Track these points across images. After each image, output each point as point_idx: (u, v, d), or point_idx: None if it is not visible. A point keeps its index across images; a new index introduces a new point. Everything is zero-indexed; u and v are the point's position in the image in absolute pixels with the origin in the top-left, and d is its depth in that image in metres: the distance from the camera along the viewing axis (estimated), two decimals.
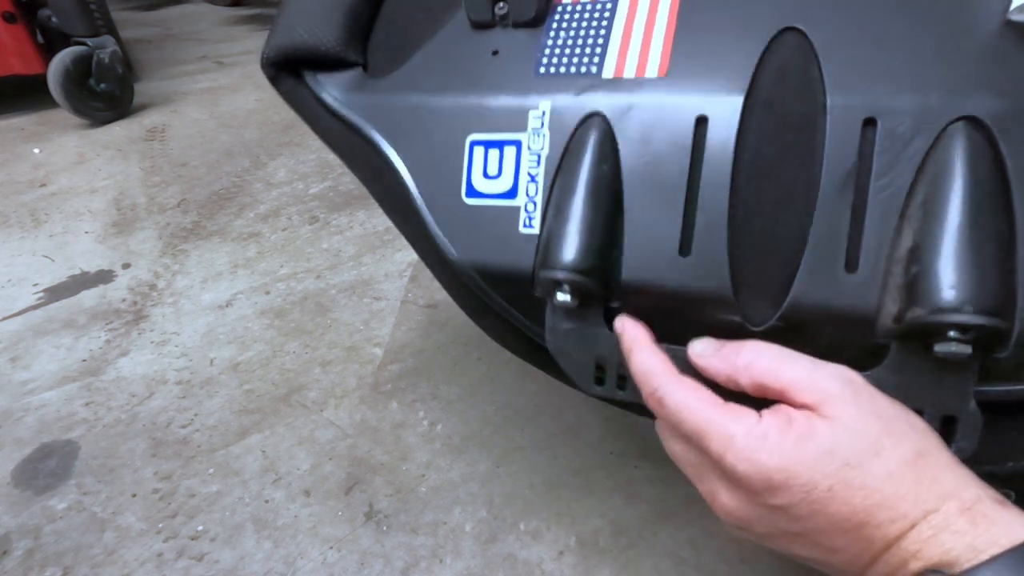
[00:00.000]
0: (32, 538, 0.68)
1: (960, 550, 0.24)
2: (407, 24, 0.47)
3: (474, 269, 0.42)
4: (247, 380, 0.89)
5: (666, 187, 0.35)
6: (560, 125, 0.38)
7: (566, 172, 0.38)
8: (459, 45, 0.43)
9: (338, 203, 1.35)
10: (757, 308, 0.34)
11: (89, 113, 1.72)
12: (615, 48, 0.38)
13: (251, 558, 0.65)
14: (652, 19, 0.37)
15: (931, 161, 0.29)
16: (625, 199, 0.37)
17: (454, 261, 0.43)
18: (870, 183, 0.31)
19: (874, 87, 0.31)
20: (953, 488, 0.26)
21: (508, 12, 0.41)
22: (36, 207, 1.35)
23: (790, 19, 0.34)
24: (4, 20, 1.63)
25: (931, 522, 0.25)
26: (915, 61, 0.31)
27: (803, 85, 0.33)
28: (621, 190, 0.37)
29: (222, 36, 2.67)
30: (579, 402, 0.84)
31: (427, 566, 0.64)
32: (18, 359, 0.94)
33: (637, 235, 0.36)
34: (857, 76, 0.32)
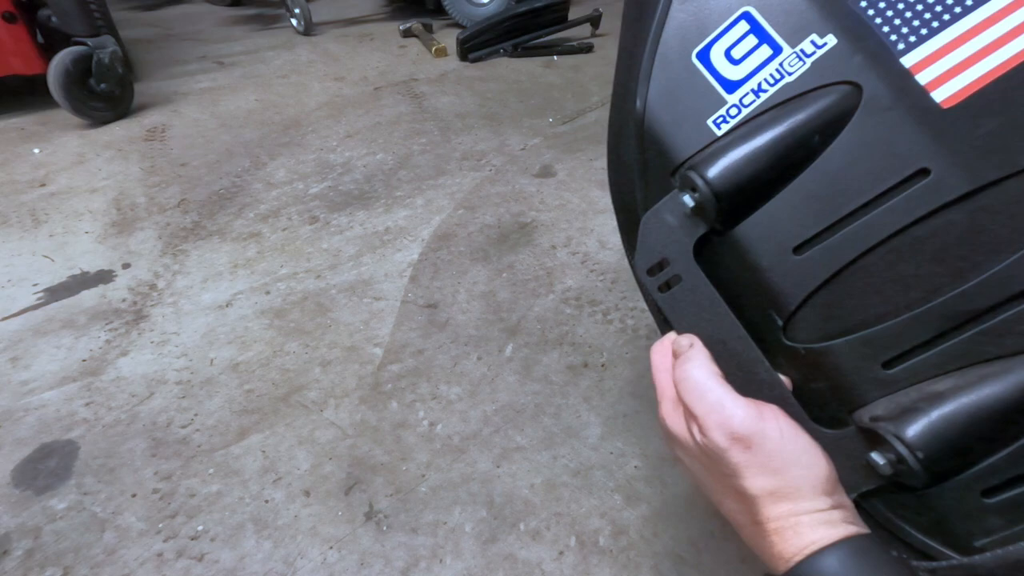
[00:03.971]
0: (32, 538, 0.68)
1: (771, 558, 0.32)
2: None
3: (650, 120, 0.41)
4: (247, 380, 0.89)
5: (840, 195, 0.34)
6: (822, 67, 0.35)
7: (785, 110, 0.36)
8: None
9: (338, 203, 1.35)
10: (802, 329, 0.36)
11: (89, 113, 1.72)
12: (941, 41, 0.32)
13: (251, 558, 0.65)
14: (1003, 43, 0.31)
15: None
16: (802, 174, 0.35)
17: (639, 101, 0.41)
18: (972, 332, 0.31)
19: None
20: (782, 513, 0.32)
21: None
22: (36, 207, 1.35)
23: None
24: (4, 20, 1.63)
25: (756, 528, 0.33)
26: None
27: (1021, 220, 0.31)
28: (807, 165, 0.35)
29: (222, 36, 2.67)
30: (579, 402, 0.85)
31: (427, 566, 0.64)
32: (18, 359, 0.94)
33: (779, 208, 0.36)
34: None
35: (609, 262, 1.13)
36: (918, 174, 0.32)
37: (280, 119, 1.80)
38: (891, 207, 0.33)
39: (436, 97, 1.94)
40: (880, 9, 0.33)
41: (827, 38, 0.35)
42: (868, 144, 0.34)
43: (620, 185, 0.46)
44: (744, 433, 0.33)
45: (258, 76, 2.16)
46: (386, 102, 1.90)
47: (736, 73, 0.38)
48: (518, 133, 1.67)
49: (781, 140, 0.35)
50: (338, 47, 2.47)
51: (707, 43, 0.39)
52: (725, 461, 0.34)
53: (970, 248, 0.32)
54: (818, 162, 0.35)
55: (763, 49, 0.37)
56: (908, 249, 0.33)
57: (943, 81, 0.32)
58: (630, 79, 0.42)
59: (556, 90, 1.98)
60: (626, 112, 0.43)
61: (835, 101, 0.35)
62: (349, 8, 3.04)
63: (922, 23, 0.33)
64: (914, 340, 0.33)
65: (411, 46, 2.47)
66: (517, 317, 1.00)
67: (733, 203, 0.36)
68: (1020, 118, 0.31)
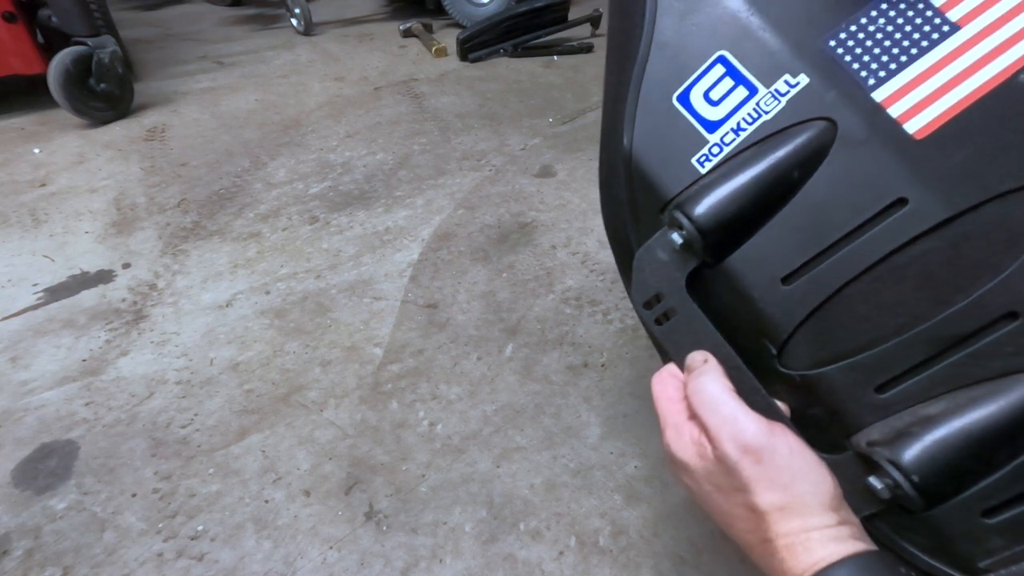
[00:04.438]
0: (32, 538, 0.68)
1: (782, 572, 0.32)
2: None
3: (636, 162, 0.42)
4: (247, 380, 0.89)
5: (822, 227, 0.36)
6: (797, 105, 0.36)
7: (764, 147, 0.37)
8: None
9: (338, 203, 1.35)
10: (796, 356, 0.37)
11: (89, 113, 1.72)
12: (908, 76, 0.34)
13: (251, 558, 0.65)
14: (966, 76, 0.33)
15: (1012, 377, 0.31)
16: (784, 208, 0.37)
17: (626, 144, 0.43)
18: (960, 355, 0.32)
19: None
20: (793, 529, 0.33)
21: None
22: (36, 207, 1.35)
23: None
24: (4, 20, 1.63)
25: (765, 546, 0.33)
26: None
27: (999, 245, 0.32)
28: (788, 199, 0.36)
29: (222, 36, 2.67)
30: (579, 402, 0.85)
31: (427, 566, 0.64)
32: (18, 359, 0.94)
33: (766, 241, 0.37)
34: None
35: (609, 262, 1.13)
36: (896, 204, 0.34)
37: (280, 119, 1.80)
38: (872, 236, 0.34)
39: (436, 97, 1.94)
40: (849, 47, 0.35)
41: (800, 77, 0.37)
42: (846, 177, 0.35)
43: (613, 221, 0.47)
44: (755, 446, 0.34)
45: (258, 76, 2.16)
46: (386, 102, 1.90)
47: (715, 114, 0.40)
48: (518, 133, 1.67)
49: (762, 176, 0.36)
50: (338, 47, 2.47)
51: (686, 86, 0.41)
52: (736, 473, 0.34)
53: (951, 273, 0.33)
54: (799, 195, 0.36)
55: (740, 90, 0.39)
56: (891, 277, 0.34)
57: (914, 113, 0.34)
58: (616, 121, 0.44)
59: (556, 90, 1.98)
60: (615, 153, 0.44)
61: (812, 137, 0.36)
62: (349, 8, 3.03)
63: (890, 59, 0.34)
64: (904, 365, 0.34)
65: (411, 46, 2.47)
66: (517, 317, 1.00)
67: (720, 238, 0.38)
68: (990, 145, 0.32)
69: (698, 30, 0.41)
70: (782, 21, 0.38)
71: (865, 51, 0.35)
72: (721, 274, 0.39)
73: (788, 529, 0.33)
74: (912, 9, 0.35)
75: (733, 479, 0.35)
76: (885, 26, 0.35)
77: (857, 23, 0.36)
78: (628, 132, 0.43)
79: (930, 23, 0.34)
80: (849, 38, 0.36)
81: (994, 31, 0.32)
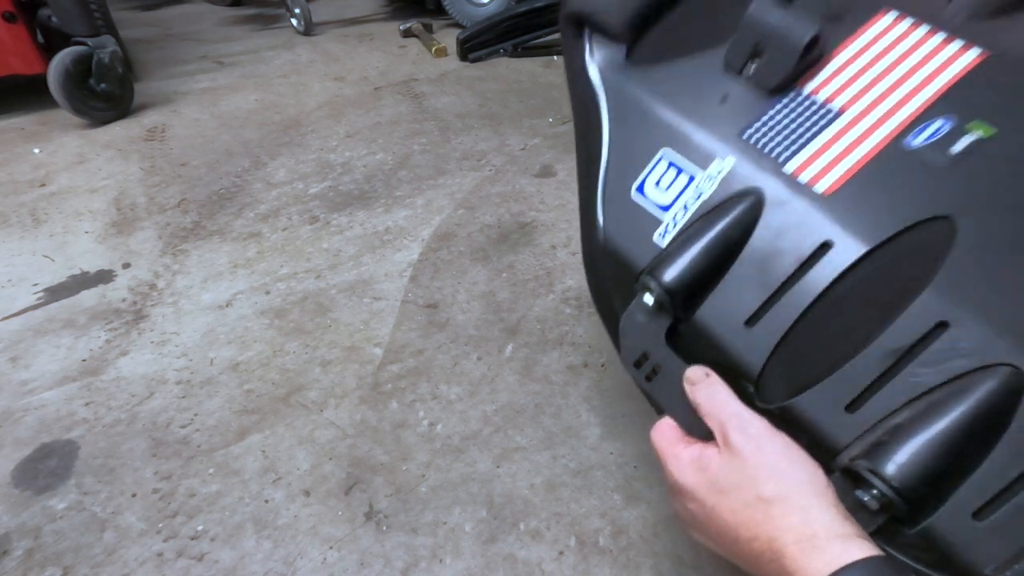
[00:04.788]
0: (32, 538, 0.68)
1: (795, 574, 0.32)
2: (676, 40, 0.54)
3: (609, 245, 0.52)
4: (247, 380, 0.89)
5: (769, 274, 0.43)
6: (729, 182, 0.46)
7: (709, 219, 0.45)
8: (703, 77, 0.51)
9: (338, 203, 1.35)
10: (771, 390, 0.42)
11: (89, 113, 1.72)
12: (810, 151, 0.44)
13: (251, 558, 0.65)
14: (854, 147, 0.42)
15: (963, 380, 0.35)
16: (735, 264, 0.44)
17: (600, 232, 0.53)
18: (909, 366, 0.37)
19: (967, 303, 0.36)
20: (796, 524, 0.33)
21: (754, 73, 0.48)
22: (36, 207, 1.35)
23: (954, 212, 0.38)
24: (4, 20, 1.63)
25: (773, 547, 0.34)
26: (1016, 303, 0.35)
27: (920, 265, 0.38)
28: (737, 256, 0.44)
29: (222, 36, 2.67)
30: (579, 402, 0.84)
31: (427, 566, 0.64)
32: (18, 359, 0.94)
33: (725, 292, 0.45)
34: (964, 287, 0.36)
35: None
36: (822, 247, 0.41)
37: (280, 119, 1.80)
38: (811, 276, 0.41)
39: (436, 97, 1.94)
40: (761, 135, 0.46)
41: (727, 161, 0.46)
42: (778, 231, 0.43)
43: (599, 294, 0.56)
44: (758, 435, 0.37)
45: (258, 76, 2.16)
46: (386, 102, 1.90)
47: (666, 198, 0.49)
48: (518, 133, 1.67)
49: (712, 240, 0.44)
50: (338, 47, 2.47)
51: (641, 180, 0.51)
52: (742, 461, 0.36)
53: (885, 295, 0.39)
54: (745, 251, 0.44)
55: (682, 177, 0.48)
56: (836, 306, 0.40)
57: (820, 177, 0.42)
58: (591, 214, 0.54)
59: (556, 90, 1.98)
60: (593, 240, 0.54)
61: (745, 205, 0.44)
62: (349, 8, 3.03)
63: (793, 141, 0.44)
64: (864, 381, 0.38)
65: (411, 46, 2.47)
66: (517, 317, 1.00)
67: (686, 295, 0.45)
68: (887, 193, 0.41)
69: (643, 135, 0.51)
70: (706, 123, 0.48)
71: (773, 137, 0.45)
72: (694, 327, 0.46)
73: (792, 523, 0.34)
74: (803, 105, 0.45)
75: (742, 471, 0.36)
76: (785, 118, 0.46)
77: (763, 118, 0.46)
78: (601, 223, 0.53)
79: (818, 112, 0.44)
80: (759, 129, 0.46)
81: (867, 114, 0.43)
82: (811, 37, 0.44)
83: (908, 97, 0.43)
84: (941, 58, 0.43)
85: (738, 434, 0.37)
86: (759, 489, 0.35)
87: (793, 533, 0.33)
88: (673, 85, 0.52)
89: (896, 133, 0.42)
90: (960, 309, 0.36)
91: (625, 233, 0.51)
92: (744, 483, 0.36)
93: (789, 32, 0.45)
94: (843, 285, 0.40)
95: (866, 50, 0.46)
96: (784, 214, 0.43)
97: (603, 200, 0.53)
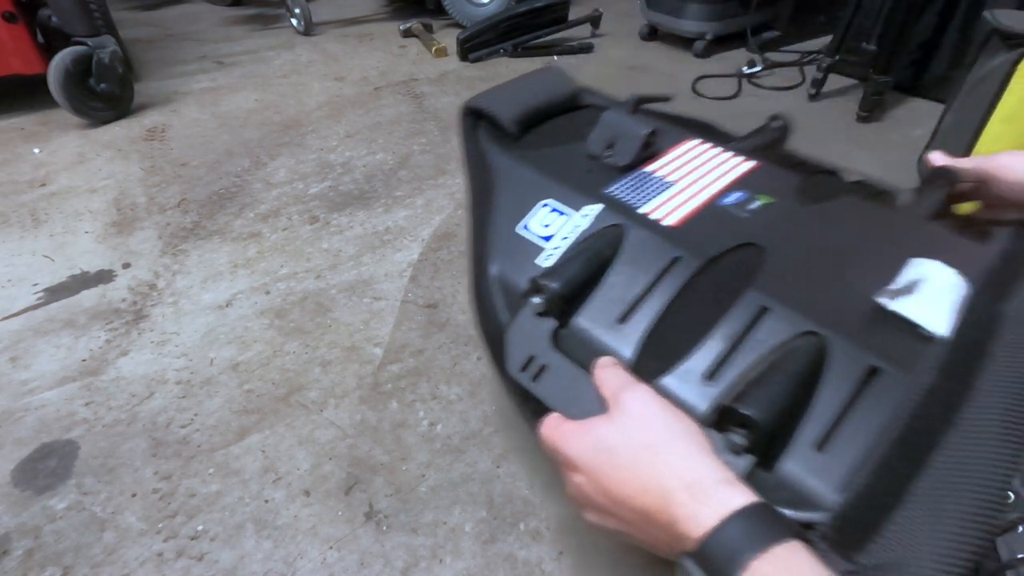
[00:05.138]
0: (32, 538, 0.68)
1: (685, 520, 0.34)
2: (551, 136, 0.75)
3: (498, 273, 0.63)
4: (247, 380, 0.89)
5: (635, 282, 0.55)
6: (599, 219, 0.60)
7: (585, 242, 0.59)
8: (572, 158, 0.69)
9: (338, 203, 1.35)
10: (646, 369, 0.51)
11: (89, 113, 1.72)
12: (657, 202, 0.61)
13: (251, 558, 0.65)
14: (686, 202, 0.61)
15: (787, 344, 0.48)
16: (606, 276, 0.57)
17: (489, 263, 0.63)
18: (748, 339, 0.49)
19: (778, 295, 0.51)
20: (681, 469, 0.36)
21: (612, 157, 0.66)
22: (36, 207, 1.35)
23: (760, 242, 0.56)
24: (4, 20, 1.63)
25: (662, 494, 0.36)
26: (809, 296, 0.51)
27: (743, 273, 0.54)
28: (607, 269, 0.57)
29: (222, 36, 2.66)
30: None
31: (427, 566, 0.64)
32: (18, 359, 0.94)
33: (601, 298, 0.56)
34: (776, 286, 0.52)
35: None
36: (675, 261, 0.55)
37: (280, 119, 1.80)
38: (667, 281, 0.54)
39: (436, 97, 1.94)
40: (619, 192, 0.63)
41: (595, 206, 0.61)
42: (641, 250, 0.57)
43: (487, 327, 0.64)
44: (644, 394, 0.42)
45: (258, 76, 2.16)
46: (386, 102, 1.90)
47: (548, 232, 0.62)
48: None
49: (587, 258, 0.57)
50: (338, 47, 2.47)
51: (524, 221, 0.64)
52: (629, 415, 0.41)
53: (722, 293, 0.52)
54: (615, 265, 0.57)
55: (561, 217, 0.62)
56: (688, 303, 0.54)
57: (665, 216, 0.59)
58: (481, 249, 0.65)
59: None
60: (482, 274, 0.64)
61: (614, 232, 0.58)
62: (349, 8, 3.03)
63: (643, 196, 0.62)
64: (717, 356, 0.49)
65: (411, 46, 2.47)
66: None
67: (568, 299, 0.55)
68: (711, 229, 0.58)
69: (528, 193, 0.66)
70: (577, 184, 0.65)
71: (628, 194, 0.63)
72: (574, 329, 0.55)
73: (678, 468, 0.37)
74: (646, 179, 0.65)
75: (627, 425, 0.40)
76: (635, 185, 0.64)
77: (619, 183, 0.64)
78: (491, 255, 0.64)
79: (658, 183, 0.64)
80: (617, 190, 0.63)
81: (691, 186, 0.63)
82: (648, 132, 0.66)
83: (716, 179, 0.65)
84: (733, 163, 0.68)
85: (627, 393, 0.42)
86: (645, 437, 0.39)
87: (679, 479, 0.36)
88: (550, 161, 0.69)
89: (712, 198, 0.62)
90: (775, 299, 0.51)
91: (511, 261, 0.63)
92: (631, 435, 0.39)
93: (633, 129, 0.66)
94: (691, 287, 0.54)
95: (686, 153, 0.69)
96: (644, 238, 0.58)
97: (492, 239, 0.65)
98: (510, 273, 0.62)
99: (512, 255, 0.62)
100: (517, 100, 0.76)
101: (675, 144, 0.71)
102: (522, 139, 0.75)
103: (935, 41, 1.74)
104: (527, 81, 0.81)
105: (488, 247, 0.65)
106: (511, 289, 0.61)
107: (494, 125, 0.75)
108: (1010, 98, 1.11)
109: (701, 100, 1.86)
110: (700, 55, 2.21)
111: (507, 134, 0.74)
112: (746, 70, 2.01)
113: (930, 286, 0.51)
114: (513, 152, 0.72)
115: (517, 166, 0.70)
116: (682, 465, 0.37)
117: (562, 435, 0.44)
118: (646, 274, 0.55)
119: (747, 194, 0.63)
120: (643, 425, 0.40)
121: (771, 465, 0.43)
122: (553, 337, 0.55)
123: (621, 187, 0.64)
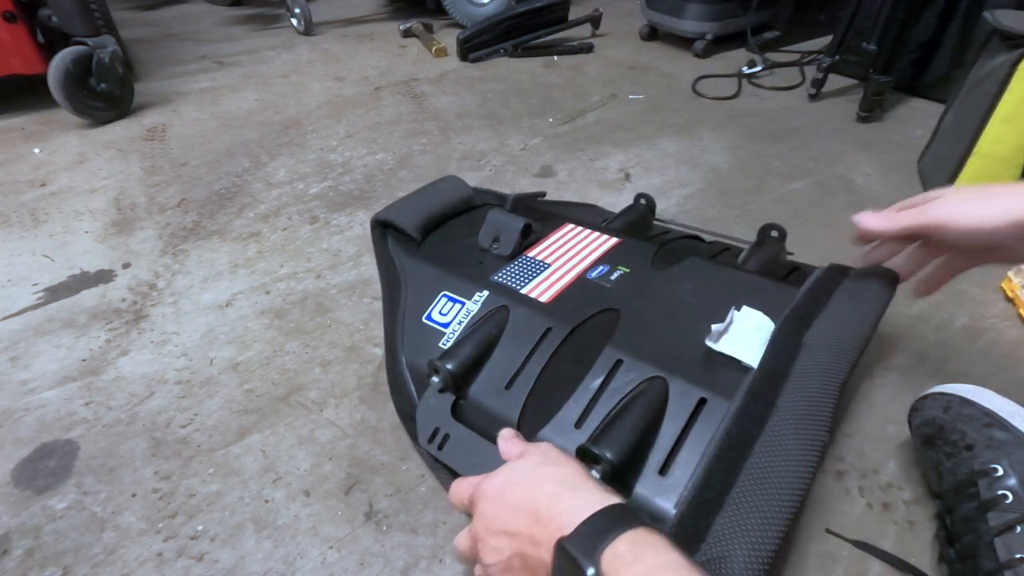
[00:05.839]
0: (32, 538, 0.68)
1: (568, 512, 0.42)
2: (448, 236, 0.89)
3: (408, 359, 0.75)
4: (247, 380, 0.89)
5: (516, 352, 0.67)
6: (487, 303, 0.74)
7: (476, 326, 0.71)
8: (467, 253, 0.84)
9: (338, 203, 1.35)
10: (527, 429, 0.62)
11: (89, 113, 1.72)
12: (535, 282, 0.76)
13: (251, 558, 0.65)
14: (559, 280, 0.76)
15: (637, 388, 0.60)
16: (495, 350, 0.69)
17: (402, 352, 0.76)
18: (607, 389, 0.62)
19: (629, 349, 0.64)
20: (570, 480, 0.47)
21: (498, 249, 0.83)
22: (36, 207, 1.35)
23: (617, 306, 0.71)
24: (4, 20, 1.63)
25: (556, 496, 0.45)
26: (654, 347, 0.64)
27: (603, 334, 0.67)
28: (495, 345, 0.69)
29: (222, 36, 2.66)
30: None
31: (427, 566, 0.64)
32: (18, 359, 0.94)
33: (491, 370, 0.67)
34: (628, 342, 0.65)
35: None
36: (547, 331, 0.68)
37: (280, 119, 1.80)
38: (541, 349, 0.67)
39: (436, 97, 1.94)
40: (505, 278, 0.77)
41: (483, 292, 0.75)
42: (520, 326, 0.69)
43: (402, 406, 0.74)
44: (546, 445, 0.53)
45: (258, 76, 2.16)
46: (386, 102, 1.90)
47: (447, 319, 0.75)
48: (518, 133, 1.67)
49: (478, 338, 0.69)
50: (338, 47, 2.47)
51: (428, 312, 0.77)
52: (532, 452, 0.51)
53: (585, 353, 0.65)
54: (500, 342, 0.69)
55: (456, 305, 0.76)
56: (558, 366, 0.65)
57: (542, 295, 0.73)
58: (393, 340, 0.78)
59: (556, 90, 1.98)
60: (396, 360, 0.76)
61: (499, 315, 0.71)
62: (349, 8, 3.03)
63: (523, 279, 0.77)
64: (583, 406, 0.61)
65: (411, 46, 2.47)
66: None
67: (463, 376, 0.66)
68: (578, 301, 0.73)
69: (429, 287, 0.79)
70: (470, 275, 0.79)
71: (512, 278, 0.77)
72: (470, 400, 0.67)
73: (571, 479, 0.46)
74: (527, 263, 0.80)
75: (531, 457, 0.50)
76: (517, 269, 0.79)
77: (504, 270, 0.79)
78: (402, 344, 0.76)
79: (536, 266, 0.79)
80: (503, 275, 0.78)
81: (564, 265, 0.78)
82: (523, 225, 0.81)
83: (585, 257, 0.80)
84: (599, 241, 0.83)
85: (533, 445, 0.53)
86: (544, 459, 0.49)
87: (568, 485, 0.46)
88: (448, 258, 0.83)
89: (581, 272, 0.77)
90: (627, 352, 0.63)
91: (419, 348, 0.74)
92: (533, 461, 0.49)
93: (512, 224, 0.82)
94: (561, 352, 0.66)
95: (562, 237, 0.85)
96: (523, 315, 0.70)
97: (402, 331, 0.77)
98: (418, 358, 0.73)
99: (420, 342, 0.74)
100: (418, 209, 0.89)
101: (554, 230, 0.86)
102: (424, 241, 0.87)
103: (935, 41, 1.74)
104: (428, 191, 0.95)
105: (399, 338, 0.76)
106: (419, 372, 0.72)
107: (400, 232, 0.88)
108: (1010, 98, 1.11)
109: (701, 100, 1.86)
110: (700, 55, 2.21)
111: (411, 239, 0.87)
112: (746, 70, 2.01)
113: (743, 327, 0.62)
114: (416, 254, 0.85)
115: (420, 264, 0.83)
116: (571, 477, 0.47)
117: (469, 484, 0.52)
118: (526, 344, 0.67)
119: (609, 267, 0.77)
120: (542, 456, 0.50)
121: (629, 491, 0.54)
122: (453, 409, 0.65)
123: (506, 273, 0.78)
